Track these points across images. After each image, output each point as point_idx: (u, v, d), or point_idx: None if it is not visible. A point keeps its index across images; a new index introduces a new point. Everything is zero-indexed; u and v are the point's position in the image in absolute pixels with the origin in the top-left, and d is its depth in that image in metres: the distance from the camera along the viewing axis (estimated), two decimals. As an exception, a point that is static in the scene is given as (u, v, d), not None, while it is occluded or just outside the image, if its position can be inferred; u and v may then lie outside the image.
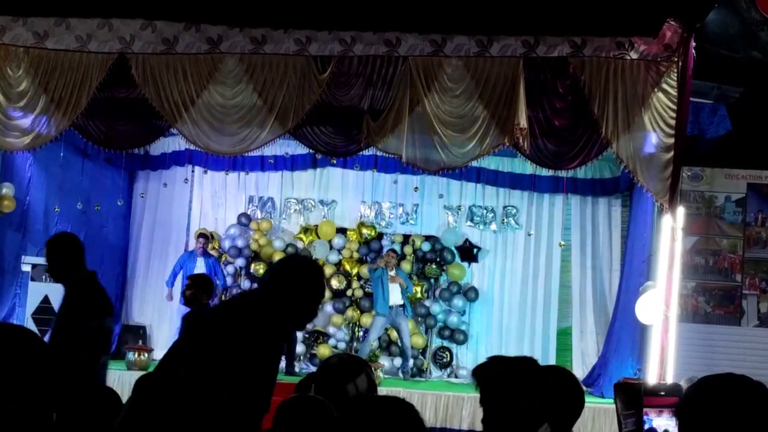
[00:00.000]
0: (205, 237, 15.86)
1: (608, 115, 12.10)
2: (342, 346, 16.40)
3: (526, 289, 16.66)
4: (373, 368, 12.82)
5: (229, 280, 16.77)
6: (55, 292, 14.86)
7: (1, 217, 15.14)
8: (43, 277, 15.02)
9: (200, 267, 15.39)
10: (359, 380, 4.54)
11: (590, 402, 11.39)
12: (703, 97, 13.58)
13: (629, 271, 14.63)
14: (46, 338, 6.95)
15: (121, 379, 13.07)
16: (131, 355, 14.13)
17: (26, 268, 15.10)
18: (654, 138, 12.20)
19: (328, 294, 16.65)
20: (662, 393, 6.43)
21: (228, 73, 12.86)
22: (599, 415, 12.37)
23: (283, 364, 15.35)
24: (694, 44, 11.85)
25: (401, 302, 15.21)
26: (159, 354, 15.96)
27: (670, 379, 11.36)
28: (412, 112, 12.56)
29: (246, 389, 4.31)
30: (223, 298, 16.56)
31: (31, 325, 14.64)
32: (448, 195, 16.84)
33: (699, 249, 14.17)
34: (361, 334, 16.14)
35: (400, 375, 15.72)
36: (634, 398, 6.35)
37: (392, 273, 15.15)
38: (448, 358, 16.42)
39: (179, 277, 15.66)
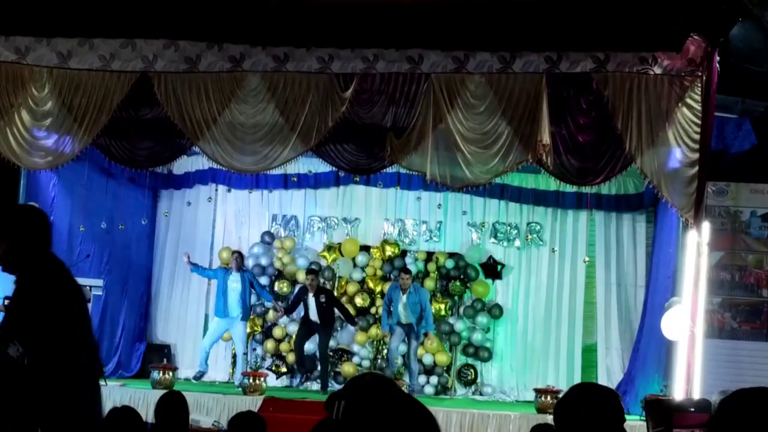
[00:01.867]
0: (240, 253, 15.86)
1: (632, 131, 12.05)
2: (366, 364, 16.35)
3: (550, 305, 16.58)
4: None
5: (253, 299, 16.77)
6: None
7: (26, 237, 15.17)
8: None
9: (235, 281, 15.38)
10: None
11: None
12: (728, 112, 13.52)
13: (654, 287, 14.54)
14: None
15: (146, 398, 13.07)
16: (156, 374, 14.11)
17: (51, 287, 15.12)
18: (678, 153, 12.14)
19: (352, 312, 16.64)
20: (692, 409, 6.38)
21: (250, 91, 12.89)
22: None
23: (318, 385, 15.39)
24: (718, 59, 11.80)
25: (407, 321, 15.17)
26: (184, 373, 16.04)
27: (696, 396, 11.26)
28: (435, 129, 12.56)
29: None
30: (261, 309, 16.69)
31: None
32: (472, 212, 16.78)
33: (725, 264, 14.04)
34: (385, 351, 16.06)
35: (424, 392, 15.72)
36: (663, 414, 6.31)
37: (403, 298, 15.12)
38: (473, 376, 16.35)
39: (206, 282, 16.35)
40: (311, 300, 15.15)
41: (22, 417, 2.55)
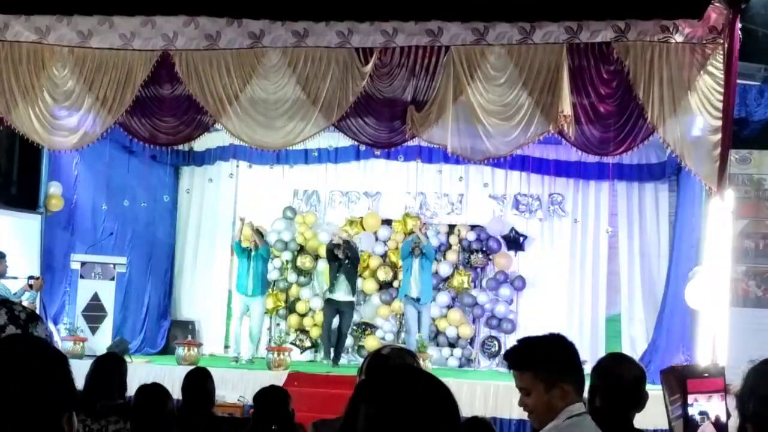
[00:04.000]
0: (259, 231, 15.79)
1: (654, 100, 11.99)
2: (390, 337, 16.42)
3: (573, 276, 16.60)
4: (421, 359, 12.81)
5: (275, 274, 16.84)
6: (105, 289, 15.05)
7: (49, 216, 15.29)
8: (93, 274, 15.16)
9: (255, 258, 15.36)
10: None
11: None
12: (750, 79, 13.45)
13: (678, 257, 14.52)
14: None
15: (171, 375, 13.14)
16: (181, 350, 14.21)
17: (75, 266, 15.24)
18: (701, 121, 12.08)
19: (374, 286, 16.68)
20: (706, 375, 6.36)
21: (271, 67, 12.88)
22: (650, 401, 12.25)
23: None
24: (739, 25, 11.70)
25: (415, 296, 15.19)
26: (208, 348, 16.14)
27: (723, 365, 11.25)
28: (456, 102, 12.52)
29: None
30: (270, 292, 16.70)
31: (81, 322, 14.79)
32: (493, 184, 16.75)
33: (749, 233, 14.00)
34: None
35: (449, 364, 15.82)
36: (678, 383, 6.29)
37: (415, 265, 15.13)
38: (497, 348, 16.39)
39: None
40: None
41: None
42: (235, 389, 13.10)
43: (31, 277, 13.48)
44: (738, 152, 13.75)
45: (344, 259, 15.24)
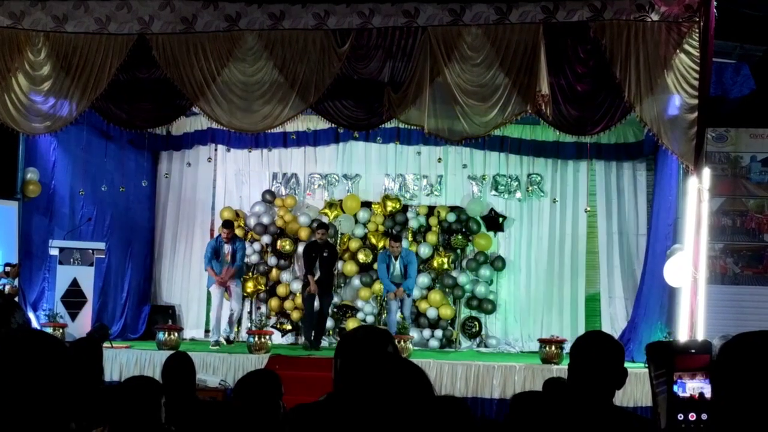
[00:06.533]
0: (230, 226, 15.68)
1: (630, 79, 12.02)
2: (370, 319, 16.43)
3: (553, 256, 16.65)
4: (401, 340, 12.84)
5: (255, 258, 16.82)
6: (84, 275, 14.99)
7: (27, 202, 15.21)
8: (71, 260, 15.11)
9: (228, 252, 15.30)
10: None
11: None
12: (726, 57, 13.48)
13: (656, 235, 14.57)
14: None
15: (152, 359, 13.14)
16: (161, 335, 14.17)
17: (54, 252, 15.17)
18: (677, 100, 12.12)
19: (355, 268, 16.69)
20: (693, 351, 6.39)
21: (248, 50, 12.85)
22: (630, 379, 12.31)
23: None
24: (715, 3, 11.74)
25: (398, 282, 15.19)
26: (189, 333, 16.14)
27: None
28: (433, 83, 12.53)
29: None
30: (249, 276, 16.68)
31: (61, 308, 14.75)
32: (472, 165, 16.80)
33: (726, 210, 14.08)
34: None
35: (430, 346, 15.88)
36: (665, 358, 6.31)
37: (396, 264, 15.12)
38: (477, 328, 16.44)
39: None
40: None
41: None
42: (216, 373, 13.10)
43: (7, 264, 13.45)
44: (715, 130, 13.82)
45: (320, 257, 15.26)
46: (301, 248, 16.55)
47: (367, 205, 17.06)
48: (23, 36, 13.08)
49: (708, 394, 6.10)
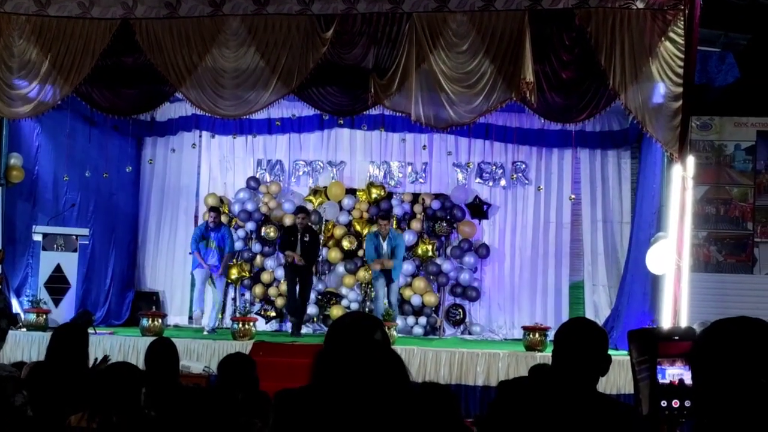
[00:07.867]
0: (216, 211, 15.69)
1: (615, 67, 12.04)
2: (355, 306, 16.43)
3: (537, 244, 16.65)
4: (387, 327, 12.81)
5: (239, 245, 16.79)
6: (68, 261, 14.94)
7: (10, 188, 15.13)
8: (55, 246, 15.05)
9: (214, 238, 15.28)
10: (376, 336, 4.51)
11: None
12: (711, 45, 13.50)
13: (640, 223, 14.58)
14: None
15: (135, 346, 13.11)
16: (145, 321, 14.14)
17: (37, 237, 15.11)
18: (662, 88, 12.14)
19: (339, 255, 16.67)
20: (676, 337, 6.39)
21: (231, 35, 12.82)
22: (613, 366, 12.33)
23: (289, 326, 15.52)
24: (700, -8, 11.76)
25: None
26: (172, 319, 16.11)
27: (684, 329, 11.36)
28: (418, 70, 12.51)
29: None
30: (234, 263, 16.63)
31: (44, 294, 14.70)
32: (457, 152, 16.78)
33: (710, 198, 14.12)
34: (373, 294, 16.10)
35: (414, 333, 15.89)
36: (647, 344, 6.31)
37: (384, 245, 15.04)
38: (461, 316, 16.45)
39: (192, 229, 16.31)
40: (298, 239, 15.18)
41: None
42: (200, 359, 13.08)
43: None
44: (699, 119, 13.85)
45: (301, 242, 15.20)
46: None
47: (351, 192, 17.03)
48: (5, 19, 13.01)
49: (687, 380, 6.11)
